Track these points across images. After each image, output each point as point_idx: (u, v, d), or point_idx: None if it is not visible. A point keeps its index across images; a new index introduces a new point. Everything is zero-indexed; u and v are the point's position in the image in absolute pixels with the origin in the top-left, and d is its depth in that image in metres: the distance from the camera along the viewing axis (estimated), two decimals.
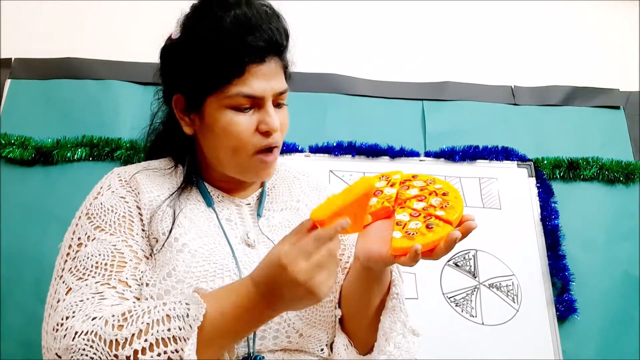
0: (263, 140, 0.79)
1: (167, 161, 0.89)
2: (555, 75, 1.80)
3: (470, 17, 1.85)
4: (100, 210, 0.78)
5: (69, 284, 0.71)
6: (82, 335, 0.64)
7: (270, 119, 0.78)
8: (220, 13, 0.76)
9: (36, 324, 1.29)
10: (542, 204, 1.58)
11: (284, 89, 0.81)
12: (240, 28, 0.75)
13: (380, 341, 0.79)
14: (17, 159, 1.42)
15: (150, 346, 0.62)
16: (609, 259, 1.55)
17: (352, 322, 0.83)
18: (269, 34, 0.77)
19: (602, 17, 1.91)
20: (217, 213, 0.83)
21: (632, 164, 1.65)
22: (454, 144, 1.62)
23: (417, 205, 0.74)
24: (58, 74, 1.53)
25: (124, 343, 0.62)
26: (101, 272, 0.72)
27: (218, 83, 0.76)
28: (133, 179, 0.82)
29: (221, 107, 0.78)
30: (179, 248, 0.75)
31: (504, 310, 1.46)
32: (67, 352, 0.64)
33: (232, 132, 0.78)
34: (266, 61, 0.77)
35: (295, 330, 0.77)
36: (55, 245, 1.35)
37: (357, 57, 1.74)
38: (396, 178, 0.81)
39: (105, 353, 0.62)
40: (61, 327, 0.66)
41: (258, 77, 0.77)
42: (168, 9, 0.89)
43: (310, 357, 0.80)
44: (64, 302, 0.69)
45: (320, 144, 1.56)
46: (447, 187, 0.77)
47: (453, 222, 0.70)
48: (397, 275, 0.83)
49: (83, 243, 0.75)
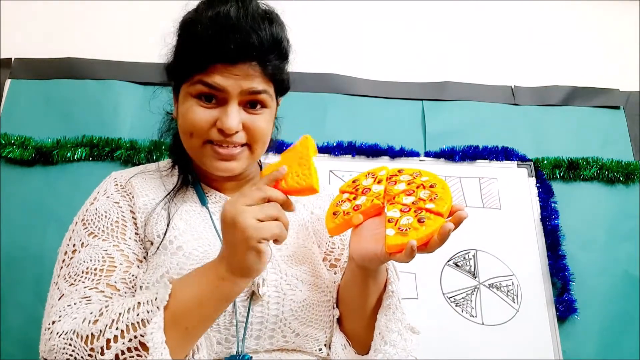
0: (217, 136, 0.79)
1: (165, 163, 0.91)
2: (555, 75, 1.80)
3: (470, 17, 1.85)
4: (94, 216, 0.80)
5: (62, 290, 0.73)
6: (63, 335, 0.65)
7: (226, 117, 0.76)
8: (203, 10, 0.78)
9: (36, 324, 1.29)
10: (542, 204, 1.58)
11: (257, 90, 0.77)
12: (216, 26, 0.75)
13: (377, 340, 0.79)
14: (17, 159, 1.42)
15: (121, 333, 0.63)
16: (609, 259, 1.55)
17: (350, 321, 0.83)
18: (244, 37, 0.75)
19: (602, 17, 1.91)
20: (210, 212, 0.84)
21: (632, 164, 1.65)
22: (454, 144, 1.62)
23: (406, 200, 0.74)
24: (58, 74, 1.53)
25: (98, 335, 0.63)
26: (90, 277, 0.73)
27: (187, 73, 0.78)
28: (129, 183, 0.83)
29: (187, 94, 0.79)
30: (173, 251, 0.76)
31: (504, 310, 1.46)
32: (50, 353, 0.66)
33: (188, 119, 0.79)
34: (238, 64, 0.76)
35: (291, 330, 0.77)
36: (55, 245, 1.35)
37: (357, 57, 1.74)
38: (382, 174, 0.81)
39: (82, 348, 0.63)
40: (47, 331, 0.68)
41: (223, 74, 0.76)
42: (168, 9, 0.89)
43: (308, 357, 0.80)
44: (54, 307, 0.71)
45: (320, 144, 1.56)
46: (434, 178, 0.77)
47: (444, 213, 0.70)
48: (393, 273, 0.83)
49: (77, 249, 0.77)
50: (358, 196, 0.79)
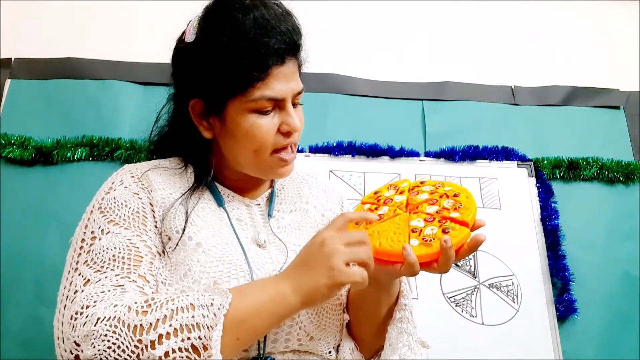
0: (283, 140, 0.80)
1: (177, 161, 0.88)
2: (555, 75, 1.80)
3: (470, 17, 1.85)
4: (113, 204, 0.77)
5: (86, 276, 0.70)
6: (105, 321, 0.62)
7: (291, 119, 0.78)
8: (238, 16, 0.75)
9: (36, 324, 1.30)
10: (542, 204, 1.58)
11: (302, 89, 0.81)
12: (261, 31, 0.75)
13: (387, 351, 0.79)
14: (17, 159, 1.42)
15: (174, 331, 0.61)
16: (609, 259, 1.55)
17: (359, 328, 0.84)
18: (288, 35, 0.77)
19: (602, 17, 1.91)
20: (228, 213, 0.83)
21: (632, 164, 1.65)
22: (454, 144, 1.62)
23: (429, 209, 0.74)
24: (58, 74, 1.53)
25: (148, 328, 0.61)
26: (119, 265, 0.71)
27: (241, 87, 0.76)
28: (145, 176, 0.82)
29: (244, 110, 0.77)
30: (193, 247, 0.75)
31: (504, 310, 1.46)
32: (87, 338, 0.62)
33: (256, 136, 0.78)
34: (286, 62, 0.78)
35: (306, 333, 0.78)
36: (56, 245, 1.35)
37: (357, 57, 1.74)
38: (404, 186, 0.81)
39: (129, 338, 0.61)
40: (81, 315, 0.64)
41: (279, 79, 0.77)
42: (168, 9, 0.89)
43: (317, 359, 0.80)
44: (82, 292, 0.68)
45: (320, 144, 1.56)
46: (457, 188, 0.76)
47: (469, 222, 0.70)
48: (406, 286, 0.83)
49: (97, 236, 0.74)
50: (380, 206, 0.78)
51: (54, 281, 1.30)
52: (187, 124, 0.84)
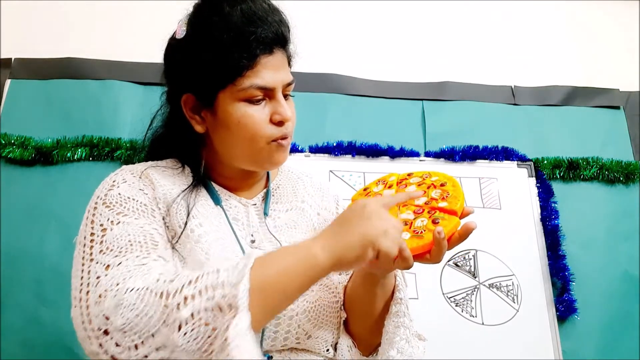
0: (277, 131, 0.80)
1: (173, 162, 0.89)
2: (555, 75, 1.80)
3: (470, 17, 1.85)
4: (119, 199, 0.76)
5: (105, 262, 0.68)
6: (134, 291, 0.62)
7: (282, 109, 0.79)
8: (227, 8, 0.77)
9: (36, 324, 1.30)
10: (542, 204, 1.58)
11: (291, 80, 0.82)
12: (249, 21, 0.76)
13: (384, 346, 0.79)
14: (17, 159, 1.42)
15: (199, 292, 0.60)
16: (609, 259, 1.55)
17: (356, 324, 0.84)
18: (275, 26, 0.78)
19: (602, 18, 1.91)
20: (225, 211, 0.84)
21: (632, 164, 1.65)
22: (454, 144, 1.62)
23: (418, 201, 0.74)
24: (58, 74, 1.53)
25: (174, 292, 0.60)
26: (138, 247, 0.70)
27: (230, 76, 0.77)
28: (145, 174, 0.82)
29: (234, 100, 0.78)
30: (196, 239, 0.75)
31: (504, 310, 1.46)
32: (117, 308, 0.61)
33: (248, 124, 0.78)
34: (274, 52, 0.79)
35: (304, 332, 0.78)
36: (56, 245, 1.35)
37: (357, 57, 1.74)
38: (392, 180, 0.82)
39: (156, 304, 0.60)
40: (110, 291, 0.63)
41: (268, 68, 0.78)
42: (168, 9, 0.89)
43: (315, 357, 0.80)
44: (106, 277, 0.66)
45: (320, 144, 1.56)
46: (444, 177, 0.77)
47: (457, 210, 0.70)
48: (401, 280, 0.83)
49: (108, 227, 0.72)
50: None
51: (54, 281, 1.32)
52: (180, 122, 0.84)
